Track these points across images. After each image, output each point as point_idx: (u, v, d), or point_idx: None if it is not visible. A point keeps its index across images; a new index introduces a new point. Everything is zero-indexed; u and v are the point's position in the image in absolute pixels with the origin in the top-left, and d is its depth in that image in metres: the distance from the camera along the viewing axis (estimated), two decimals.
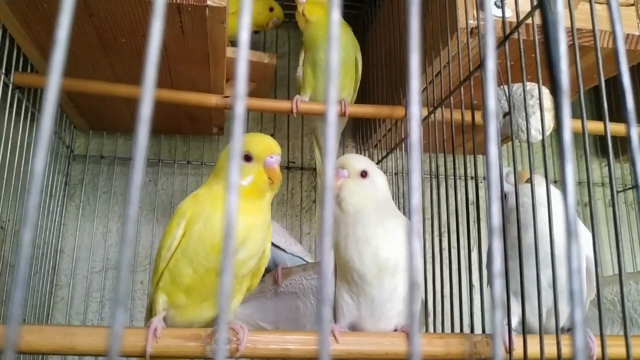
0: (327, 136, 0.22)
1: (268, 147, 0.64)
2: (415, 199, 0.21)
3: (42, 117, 0.20)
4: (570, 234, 0.22)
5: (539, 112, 0.66)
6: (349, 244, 0.69)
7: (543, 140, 0.65)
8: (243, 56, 0.22)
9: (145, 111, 0.20)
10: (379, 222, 0.68)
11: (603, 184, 1.45)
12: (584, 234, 0.72)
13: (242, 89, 0.21)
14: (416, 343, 0.20)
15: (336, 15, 0.22)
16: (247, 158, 0.64)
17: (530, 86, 0.69)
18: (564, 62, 0.24)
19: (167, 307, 0.65)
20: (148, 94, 0.20)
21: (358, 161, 0.74)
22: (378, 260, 0.67)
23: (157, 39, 0.21)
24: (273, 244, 1.09)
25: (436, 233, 0.91)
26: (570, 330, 0.74)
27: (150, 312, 0.69)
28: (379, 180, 0.74)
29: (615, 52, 0.29)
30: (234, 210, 0.20)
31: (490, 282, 0.22)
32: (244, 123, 0.21)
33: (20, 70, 0.91)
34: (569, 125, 0.24)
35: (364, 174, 0.72)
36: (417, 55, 0.22)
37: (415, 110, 0.22)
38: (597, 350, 0.63)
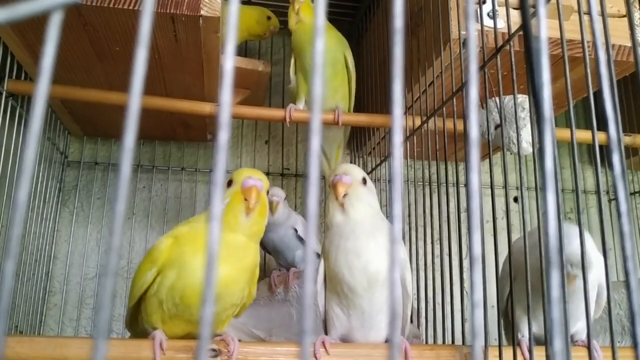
0: (309, 143, 0.22)
1: (247, 172, 0.64)
2: (398, 228, 0.22)
3: (26, 147, 0.20)
4: (550, 263, 0.23)
5: (529, 124, 0.66)
6: (338, 255, 0.68)
7: (533, 152, 0.65)
8: (227, 83, 0.22)
9: (129, 143, 0.20)
10: (371, 233, 0.68)
11: (596, 192, 1.45)
12: (598, 261, 0.72)
13: (226, 118, 0.22)
14: None
15: (321, 13, 0.23)
16: (229, 184, 0.64)
17: (522, 98, 0.69)
18: (547, 90, 0.24)
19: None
20: (132, 125, 0.20)
21: (358, 169, 0.75)
22: (368, 273, 0.67)
23: (141, 70, 0.21)
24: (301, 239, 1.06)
25: (429, 240, 0.91)
26: (576, 341, 0.75)
27: (129, 325, 0.69)
28: (373, 189, 0.75)
29: (597, 75, 0.29)
30: (215, 244, 0.20)
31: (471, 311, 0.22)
32: (227, 154, 0.22)
33: (13, 77, 0.91)
34: (552, 153, 0.24)
35: (364, 182, 0.73)
36: (400, 83, 0.22)
37: (398, 138, 0.23)
38: None
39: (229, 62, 0.22)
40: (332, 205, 0.71)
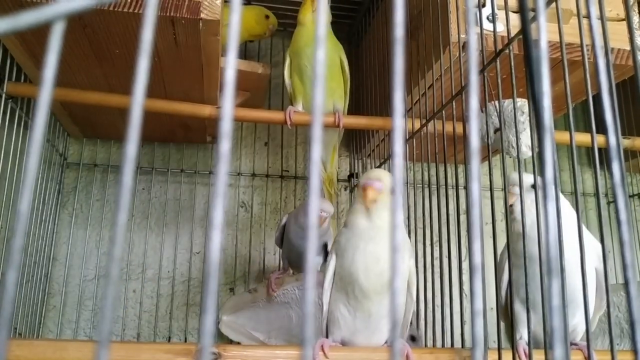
0: (310, 152, 0.22)
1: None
2: (399, 238, 0.22)
3: (28, 158, 0.20)
4: (551, 271, 0.23)
5: (529, 128, 0.66)
6: (356, 256, 0.68)
7: (533, 156, 0.65)
8: (229, 94, 0.22)
9: (131, 152, 0.20)
10: None
11: (595, 194, 1.46)
12: (593, 246, 0.72)
13: (228, 127, 0.22)
14: None
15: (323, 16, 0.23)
16: None
17: (521, 102, 0.69)
18: (547, 99, 0.24)
19: None
20: (133, 135, 0.20)
21: (390, 176, 0.73)
22: (383, 279, 0.66)
23: (143, 79, 0.21)
24: None
25: (428, 243, 0.91)
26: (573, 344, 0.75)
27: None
28: None
29: (597, 79, 0.29)
30: (216, 253, 0.20)
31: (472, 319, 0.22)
32: (229, 160, 0.22)
33: (13, 79, 0.91)
34: (552, 162, 0.24)
35: (392, 191, 0.72)
36: (401, 93, 0.23)
37: (399, 148, 0.23)
38: None
39: (230, 71, 0.22)
40: (358, 207, 0.70)
